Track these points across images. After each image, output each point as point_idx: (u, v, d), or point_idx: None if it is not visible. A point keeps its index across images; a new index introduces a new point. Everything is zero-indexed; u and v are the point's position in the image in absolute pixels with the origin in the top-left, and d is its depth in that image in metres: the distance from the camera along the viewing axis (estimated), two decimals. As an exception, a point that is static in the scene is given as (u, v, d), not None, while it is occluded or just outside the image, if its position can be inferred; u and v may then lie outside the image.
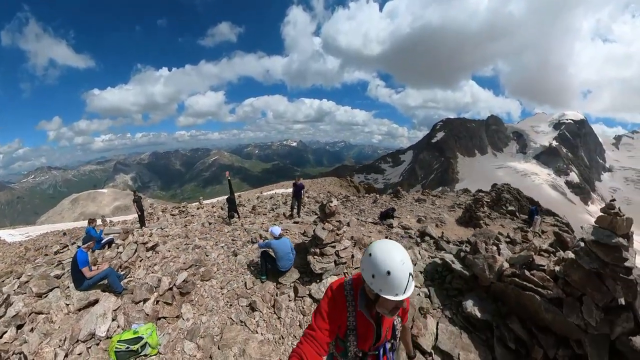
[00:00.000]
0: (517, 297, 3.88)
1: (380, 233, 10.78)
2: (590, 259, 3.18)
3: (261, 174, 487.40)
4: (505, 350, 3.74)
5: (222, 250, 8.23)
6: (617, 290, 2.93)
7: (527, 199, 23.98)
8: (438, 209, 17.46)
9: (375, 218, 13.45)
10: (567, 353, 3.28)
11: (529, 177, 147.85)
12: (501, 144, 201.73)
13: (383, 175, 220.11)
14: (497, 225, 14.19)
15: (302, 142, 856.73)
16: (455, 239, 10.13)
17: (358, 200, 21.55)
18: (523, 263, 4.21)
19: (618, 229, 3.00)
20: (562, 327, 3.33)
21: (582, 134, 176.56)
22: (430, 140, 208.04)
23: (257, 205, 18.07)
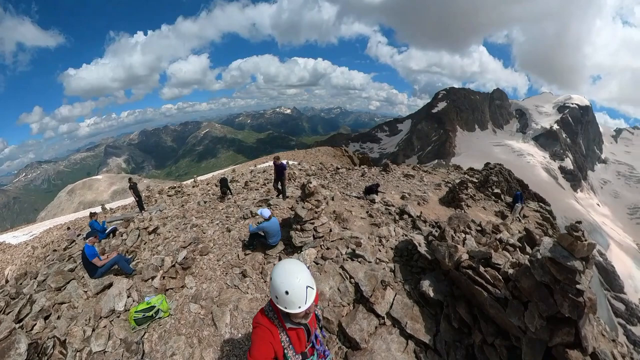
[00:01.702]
0: (468, 287, 4.20)
1: (362, 207, 10.86)
2: (543, 272, 3.27)
3: (256, 144, 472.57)
4: (449, 327, 4.23)
5: (217, 227, 8.91)
6: (564, 306, 3.04)
7: (517, 181, 24.27)
8: (424, 186, 17.57)
9: (360, 192, 13.50)
10: (505, 343, 3.56)
11: (524, 158, 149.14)
12: (502, 121, 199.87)
13: (379, 145, 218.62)
14: (479, 207, 14.44)
15: (297, 109, 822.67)
16: (433, 219, 10.28)
17: (347, 173, 21.49)
18: (481, 258, 4.35)
19: (577, 252, 3.04)
20: (503, 322, 3.60)
21: (585, 121, 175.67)
22: (430, 110, 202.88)
23: (250, 180, 18.09)
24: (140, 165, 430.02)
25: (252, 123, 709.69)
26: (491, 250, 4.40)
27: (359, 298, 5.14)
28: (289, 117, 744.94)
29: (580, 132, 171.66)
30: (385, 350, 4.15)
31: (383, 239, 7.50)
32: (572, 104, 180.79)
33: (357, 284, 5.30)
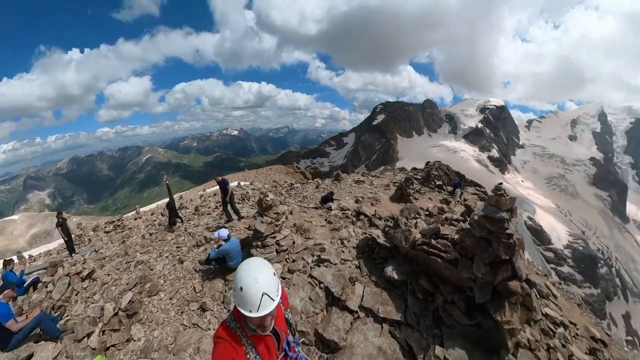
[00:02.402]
0: (425, 260, 4.71)
1: (321, 217, 11.06)
2: (480, 229, 3.97)
3: (203, 168, 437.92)
4: (415, 300, 4.67)
5: (167, 260, 8.19)
6: (500, 250, 3.78)
7: (455, 173, 27.02)
8: (375, 188, 18.62)
9: (316, 203, 13.80)
10: (462, 297, 4.20)
11: (458, 153, 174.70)
12: (435, 126, 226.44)
13: (328, 159, 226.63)
14: (425, 198, 15.77)
15: (244, 130, 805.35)
16: (387, 215, 10.96)
17: (301, 187, 21.79)
18: (432, 233, 4.92)
19: (502, 206, 3.83)
20: (457, 279, 4.23)
21: (502, 117, 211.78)
22: (371, 122, 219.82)
23: (200, 205, 16.93)
24: (69, 199, 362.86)
25: (198, 146, 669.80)
26: (439, 225, 4.96)
27: (331, 301, 5.24)
28: (236, 139, 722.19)
29: (500, 126, 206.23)
30: (364, 341, 4.31)
31: (345, 241, 7.76)
32: (491, 105, 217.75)
33: (327, 287, 5.40)
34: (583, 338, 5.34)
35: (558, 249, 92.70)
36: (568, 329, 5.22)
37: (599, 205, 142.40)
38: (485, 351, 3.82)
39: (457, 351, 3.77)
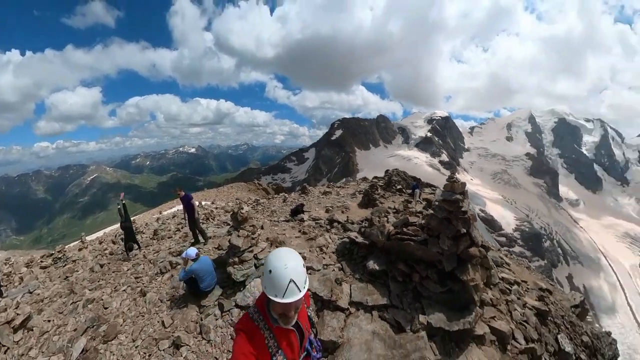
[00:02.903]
0: (400, 246, 5.42)
1: (294, 229, 11.25)
2: (441, 211, 4.85)
3: (157, 189, 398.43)
4: (396, 283, 5.28)
5: (126, 295, 7.19)
6: (459, 225, 4.69)
7: (412, 178, 29.11)
8: (342, 198, 19.46)
9: (286, 216, 13.97)
10: (434, 270, 4.98)
11: (412, 160, 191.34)
12: (390, 138, 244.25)
13: (290, 174, 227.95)
14: (389, 201, 16.96)
15: (202, 147, 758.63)
16: (359, 220, 11.65)
17: (268, 202, 21.85)
18: (402, 224, 5.67)
19: (456, 190, 4.77)
20: (429, 256, 5.01)
21: (448, 126, 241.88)
22: (330, 137, 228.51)
23: (159, 228, 15.59)
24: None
25: (152, 165, 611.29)
26: (407, 216, 5.74)
27: (321, 305, 5.44)
28: (194, 157, 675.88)
29: (447, 134, 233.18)
30: (359, 332, 4.71)
31: (323, 248, 8.08)
32: (437, 117, 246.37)
33: (315, 293, 5.57)
34: (533, 290, 6.71)
35: (508, 233, 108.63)
36: (520, 285, 6.49)
37: (537, 191, 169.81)
38: (458, 309, 4.63)
39: (436, 315, 4.50)
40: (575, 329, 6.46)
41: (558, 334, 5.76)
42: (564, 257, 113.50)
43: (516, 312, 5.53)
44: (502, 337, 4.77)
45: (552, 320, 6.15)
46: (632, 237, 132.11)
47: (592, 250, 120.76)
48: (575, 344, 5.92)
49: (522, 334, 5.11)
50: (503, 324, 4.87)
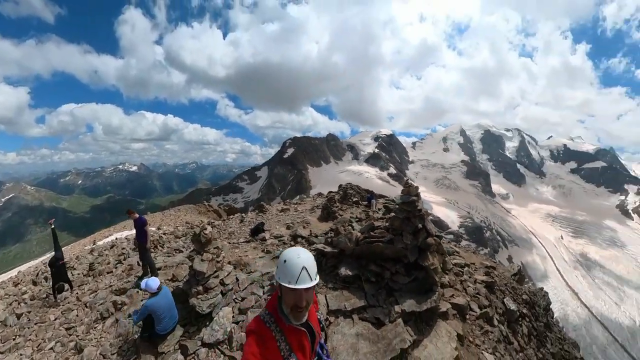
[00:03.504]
0: (369, 249, 5.96)
1: (256, 249, 11.10)
2: (401, 212, 5.59)
3: (89, 214, 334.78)
4: (370, 284, 5.75)
5: (54, 354, 5.74)
6: (416, 222, 5.48)
7: (365, 190, 30.59)
8: (301, 213, 19.69)
9: (246, 236, 13.67)
10: (401, 265, 5.63)
11: (363, 175, 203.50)
12: (340, 155, 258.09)
13: (242, 194, 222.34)
14: (347, 213, 17.66)
15: (145, 165, 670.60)
16: (321, 232, 11.98)
17: (224, 223, 21.06)
18: (369, 229, 6.18)
19: (412, 193, 5.58)
20: (396, 253, 5.67)
21: (392, 142, 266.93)
22: (282, 156, 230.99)
23: (95, 261, 13.22)
24: None
25: (84, 184, 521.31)
26: (372, 221, 6.29)
27: None
28: (135, 176, 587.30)
29: (392, 149, 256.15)
30: (342, 338, 4.89)
31: None
32: (382, 135, 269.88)
33: None
34: (480, 268, 8.24)
35: (455, 231, 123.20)
36: (470, 266, 7.89)
37: (474, 191, 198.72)
38: (424, 293, 5.37)
39: (408, 302, 5.14)
40: (516, 292, 8.16)
41: (504, 298, 7.25)
42: (502, 243, 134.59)
43: (469, 288, 6.80)
44: (461, 309, 5.85)
45: (498, 289, 7.62)
46: (553, 216, 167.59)
47: (524, 232, 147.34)
48: (517, 302, 7.52)
49: (477, 304, 6.30)
50: (460, 299, 5.97)
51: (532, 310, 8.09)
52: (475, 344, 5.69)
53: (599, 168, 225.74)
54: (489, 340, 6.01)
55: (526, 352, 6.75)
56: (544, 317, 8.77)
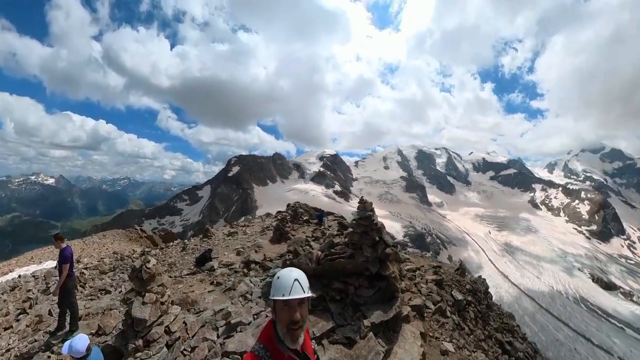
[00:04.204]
0: (332, 266, 6.06)
1: (203, 282, 10.02)
2: (359, 227, 5.88)
3: None
4: (335, 303, 5.80)
5: None
6: (374, 234, 5.81)
7: (314, 209, 30.83)
8: (251, 236, 18.90)
9: (191, 267, 12.49)
10: (364, 278, 5.85)
11: (310, 193, 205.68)
12: (286, 174, 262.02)
13: (181, 216, 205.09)
14: (300, 232, 17.54)
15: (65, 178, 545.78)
16: (276, 255, 11.57)
17: (163, 252, 18.99)
18: (329, 246, 6.20)
19: (367, 208, 5.96)
20: (358, 267, 5.89)
21: (337, 161, 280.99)
22: (226, 174, 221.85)
23: None
24: None
25: None
26: (332, 239, 6.34)
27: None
28: (51, 190, 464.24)
29: (337, 168, 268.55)
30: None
31: (247, 295, 7.51)
32: (327, 154, 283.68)
33: None
34: (429, 269, 9.41)
35: (400, 240, 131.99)
36: (420, 269, 9.00)
37: (413, 202, 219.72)
38: (388, 301, 5.70)
39: (375, 313, 5.34)
40: (460, 284, 9.49)
41: (452, 291, 8.39)
42: (442, 245, 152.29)
43: (423, 288, 7.70)
44: (419, 309, 6.57)
45: (446, 284, 8.81)
46: (480, 216, 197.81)
47: (459, 232, 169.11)
48: (463, 292, 8.77)
49: (431, 301, 7.15)
50: (417, 300, 6.68)
51: (475, 296, 9.52)
52: (435, 337, 6.40)
53: (511, 174, 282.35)
54: (445, 330, 6.81)
55: (475, 333, 7.70)
56: (484, 300, 10.38)
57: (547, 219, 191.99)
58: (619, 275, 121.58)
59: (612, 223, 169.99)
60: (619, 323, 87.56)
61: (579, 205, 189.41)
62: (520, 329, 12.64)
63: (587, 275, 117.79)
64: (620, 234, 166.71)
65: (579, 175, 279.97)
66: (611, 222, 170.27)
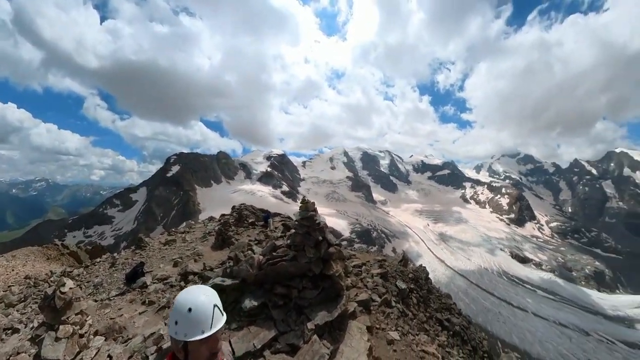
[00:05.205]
0: (274, 271, 5.82)
1: (134, 302, 8.95)
2: (301, 227, 5.74)
3: None
4: (278, 309, 5.54)
5: None
6: (317, 234, 5.70)
7: (260, 210, 30.10)
8: (191, 244, 17.63)
9: (120, 286, 11.09)
10: (307, 279, 5.74)
11: (257, 194, 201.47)
12: (232, 174, 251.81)
13: (112, 225, 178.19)
14: (244, 236, 16.89)
15: None
16: (217, 263, 10.91)
17: (87, 272, 16.45)
18: (271, 249, 5.98)
19: (309, 208, 5.85)
20: (301, 269, 5.77)
21: (284, 162, 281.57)
22: (165, 174, 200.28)
23: None
24: None
25: None
26: (274, 241, 6.10)
27: None
28: None
29: (284, 168, 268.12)
30: None
31: None
32: (274, 154, 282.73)
33: None
34: (375, 263, 9.95)
35: (348, 237, 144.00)
36: (366, 264, 9.46)
37: (359, 201, 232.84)
38: (333, 300, 5.67)
39: (319, 315, 5.26)
40: (404, 273, 10.24)
41: (396, 281, 8.91)
42: (387, 238, 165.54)
43: (369, 283, 8.07)
44: (366, 303, 6.75)
45: (391, 275, 9.38)
46: (419, 211, 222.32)
47: (401, 227, 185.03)
48: (406, 281, 9.45)
49: (377, 294, 7.44)
50: (364, 295, 6.87)
51: (417, 283, 10.36)
52: (382, 329, 6.72)
53: (445, 174, 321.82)
54: (391, 320, 7.21)
55: (418, 317, 8.38)
56: (425, 285, 11.35)
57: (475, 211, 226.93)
58: (531, 251, 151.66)
59: (525, 212, 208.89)
60: (531, 287, 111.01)
61: (501, 198, 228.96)
62: (456, 305, 14.22)
63: (507, 253, 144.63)
64: (532, 219, 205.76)
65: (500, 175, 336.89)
66: (525, 211, 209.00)
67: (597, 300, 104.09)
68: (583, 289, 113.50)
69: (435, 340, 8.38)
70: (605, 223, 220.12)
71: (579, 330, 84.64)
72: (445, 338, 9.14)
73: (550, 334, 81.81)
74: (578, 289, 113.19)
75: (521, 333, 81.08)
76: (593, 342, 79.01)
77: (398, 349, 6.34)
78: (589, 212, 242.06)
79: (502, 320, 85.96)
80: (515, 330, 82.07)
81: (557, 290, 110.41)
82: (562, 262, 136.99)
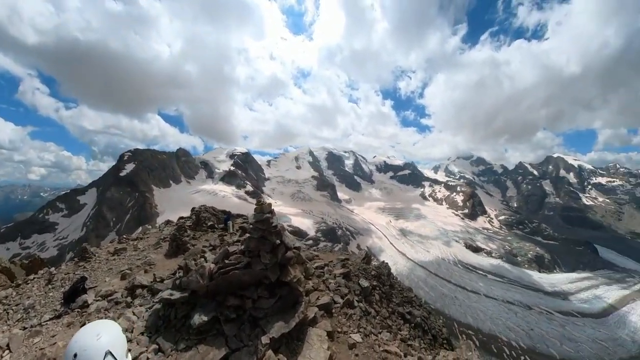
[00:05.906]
0: (226, 280, 5.34)
1: (72, 326, 7.80)
2: (257, 231, 5.34)
3: None
4: (230, 324, 5.08)
5: None
6: (273, 238, 5.33)
7: (222, 212, 28.84)
8: (143, 252, 16.21)
9: (57, 308, 9.69)
10: (263, 288, 5.40)
11: (219, 194, 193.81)
12: (192, 173, 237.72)
13: (54, 234, 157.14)
14: (202, 241, 15.93)
15: None
16: (169, 273, 10.07)
17: (17, 292, 14.20)
18: (223, 257, 5.51)
19: (265, 210, 5.40)
20: (256, 277, 5.38)
21: (248, 160, 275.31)
22: (118, 173, 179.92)
23: None
24: None
25: None
26: (226, 247, 5.60)
27: None
28: None
29: (248, 167, 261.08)
30: None
31: (127, 333, 5.97)
32: (237, 152, 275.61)
33: None
34: (338, 263, 9.75)
35: (313, 236, 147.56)
36: (329, 265, 9.10)
37: (325, 200, 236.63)
38: (292, 308, 5.35)
39: (275, 326, 4.86)
40: (366, 271, 10.13)
41: (359, 280, 8.73)
42: (351, 236, 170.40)
43: (331, 284, 7.77)
44: (327, 307, 6.44)
45: (354, 274, 9.25)
46: (382, 209, 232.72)
47: (365, 224, 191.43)
48: (368, 279, 9.41)
49: (339, 295, 7.21)
50: (325, 297, 6.54)
51: (380, 279, 10.35)
52: (344, 332, 6.46)
53: (406, 174, 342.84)
54: (353, 322, 7.01)
55: (381, 313, 8.33)
56: (388, 281, 11.42)
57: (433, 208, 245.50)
58: (483, 241, 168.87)
59: (478, 207, 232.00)
60: (483, 272, 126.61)
61: (456, 196, 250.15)
62: (417, 297, 14.73)
63: (461, 244, 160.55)
64: (483, 214, 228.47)
65: (455, 175, 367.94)
66: (477, 207, 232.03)
67: (537, 279, 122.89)
68: (526, 271, 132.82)
69: (398, 335, 8.48)
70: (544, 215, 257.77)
71: (523, 305, 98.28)
72: (407, 331, 9.35)
73: (500, 311, 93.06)
74: (522, 271, 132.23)
75: (475, 313, 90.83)
76: (535, 315, 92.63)
77: (360, 353, 6.16)
78: (531, 207, 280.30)
79: (457, 304, 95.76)
80: (470, 311, 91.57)
81: (504, 273, 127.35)
82: (509, 250, 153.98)
